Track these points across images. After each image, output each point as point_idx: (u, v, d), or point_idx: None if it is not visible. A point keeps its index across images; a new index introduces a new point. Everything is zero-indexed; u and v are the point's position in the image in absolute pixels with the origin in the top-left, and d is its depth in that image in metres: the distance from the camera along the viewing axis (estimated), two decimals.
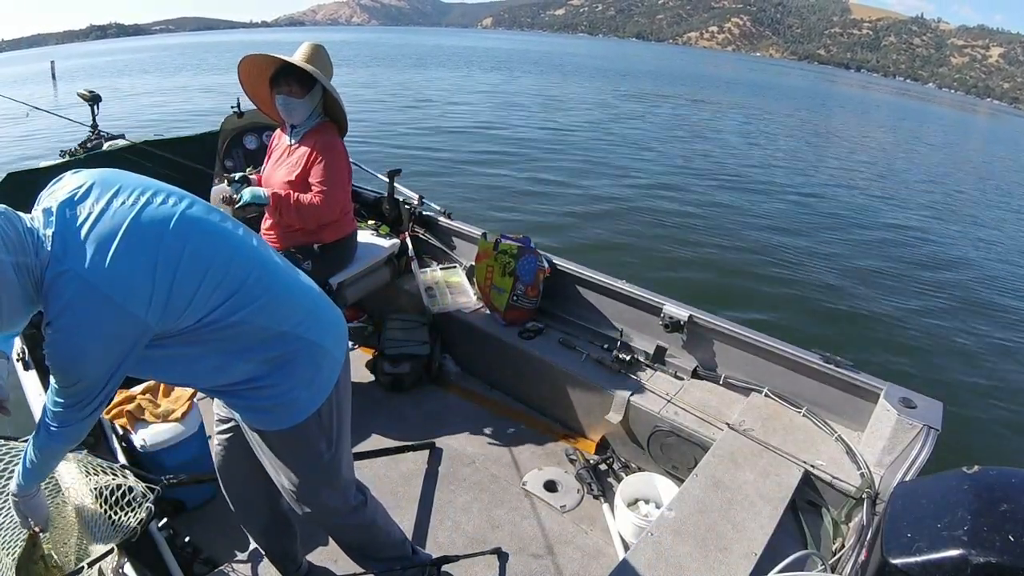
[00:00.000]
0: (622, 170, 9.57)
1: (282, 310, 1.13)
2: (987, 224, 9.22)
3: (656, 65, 53.97)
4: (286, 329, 1.13)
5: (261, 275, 1.11)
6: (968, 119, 44.73)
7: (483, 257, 2.65)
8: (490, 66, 33.69)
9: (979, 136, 28.29)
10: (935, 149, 18.00)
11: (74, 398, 1.00)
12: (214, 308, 1.03)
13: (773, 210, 8.16)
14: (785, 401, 2.11)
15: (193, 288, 1.00)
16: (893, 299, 5.58)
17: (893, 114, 33.94)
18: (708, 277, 5.62)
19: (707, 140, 13.79)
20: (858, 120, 25.54)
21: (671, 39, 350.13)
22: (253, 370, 1.13)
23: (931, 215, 9.16)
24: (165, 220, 0.99)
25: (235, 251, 1.08)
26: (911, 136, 21.47)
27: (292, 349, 1.14)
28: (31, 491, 1.17)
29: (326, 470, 1.32)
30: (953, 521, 0.95)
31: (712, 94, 27.93)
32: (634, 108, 18.41)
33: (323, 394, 1.21)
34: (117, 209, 0.96)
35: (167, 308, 0.97)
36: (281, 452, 1.26)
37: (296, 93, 2.10)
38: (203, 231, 1.04)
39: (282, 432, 1.20)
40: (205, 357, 1.08)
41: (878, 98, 52.80)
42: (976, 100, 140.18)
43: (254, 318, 1.08)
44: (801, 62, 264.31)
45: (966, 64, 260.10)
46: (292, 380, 1.16)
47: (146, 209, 0.98)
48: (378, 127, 11.63)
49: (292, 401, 1.17)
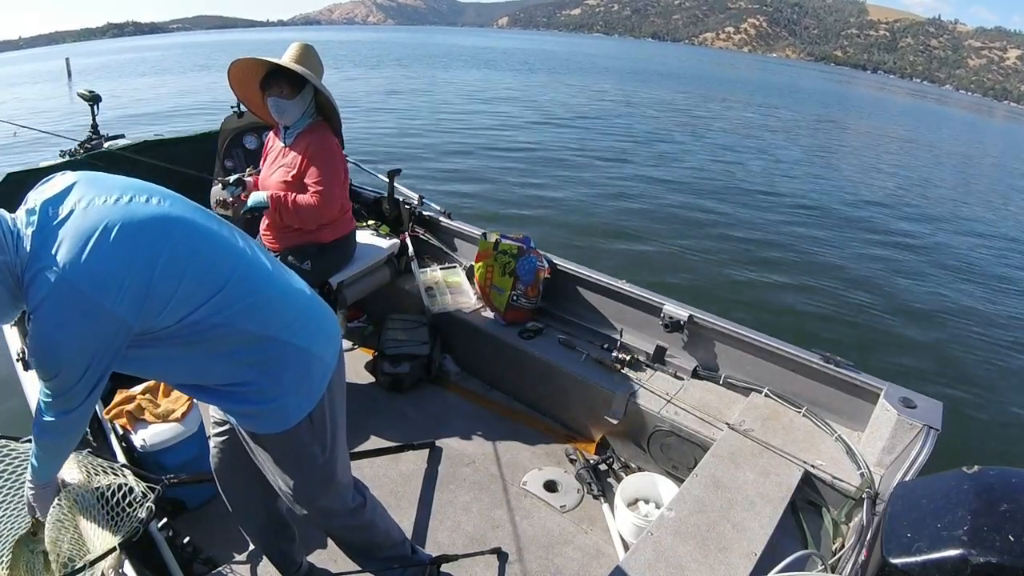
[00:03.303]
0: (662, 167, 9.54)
1: (269, 313, 1.12)
2: (988, 225, 9.22)
3: (677, 66, 53.87)
4: (272, 334, 1.11)
5: (246, 274, 1.10)
6: (984, 122, 44.68)
7: (483, 257, 2.65)
8: (512, 67, 33.55)
9: (994, 139, 28.24)
10: (946, 153, 17.93)
11: (55, 391, 1.02)
12: (196, 307, 1.02)
13: (774, 211, 8.16)
14: (785, 401, 2.11)
15: (173, 286, 0.99)
16: (893, 299, 5.58)
17: (908, 117, 33.86)
18: (707, 277, 5.62)
19: (742, 145, 13.63)
20: (872, 122, 25.50)
21: (687, 39, 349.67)
22: (240, 374, 1.12)
23: (932, 215, 9.16)
24: (146, 219, 0.99)
25: (217, 250, 1.08)
26: (924, 139, 21.42)
27: (279, 354, 1.13)
28: (42, 484, 1.20)
29: (322, 474, 1.31)
30: (953, 521, 0.95)
31: (739, 94, 27.88)
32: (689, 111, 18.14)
33: (313, 399, 1.20)
34: (98, 207, 0.96)
35: (145, 306, 0.97)
36: (276, 455, 1.26)
37: (287, 94, 2.10)
38: (185, 230, 1.04)
39: (275, 436, 1.20)
40: (190, 358, 1.08)
41: (895, 100, 52.73)
42: (993, 103, 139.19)
43: (239, 320, 1.07)
44: (818, 63, 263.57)
45: (983, 66, 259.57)
46: (280, 386, 1.15)
47: (128, 208, 0.98)
48: (407, 127, 11.50)
49: (282, 407, 1.17)
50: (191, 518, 1.89)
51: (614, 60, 53.60)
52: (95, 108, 3.34)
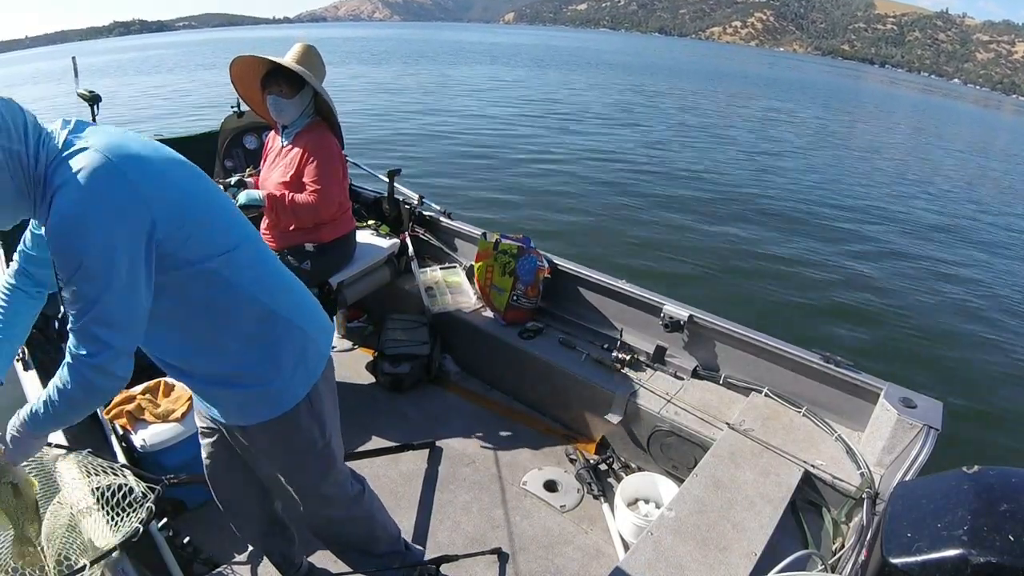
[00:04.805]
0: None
1: (274, 288, 1.15)
2: (991, 224, 9.21)
3: (686, 61, 53.75)
4: (276, 309, 1.14)
5: (255, 246, 1.15)
6: (992, 115, 44.65)
7: (483, 257, 2.65)
8: (523, 64, 33.42)
9: (1002, 135, 28.21)
10: (952, 150, 17.90)
11: (81, 301, 0.92)
12: (212, 254, 1.03)
13: (776, 210, 8.16)
14: (785, 401, 2.11)
15: (202, 213, 1.03)
16: (893, 299, 5.58)
17: (915, 111, 33.79)
18: (708, 277, 5.62)
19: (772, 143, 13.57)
20: (875, 116, 25.47)
21: (694, 34, 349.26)
22: (245, 355, 1.12)
23: (934, 217, 9.16)
24: (185, 161, 1.07)
25: (235, 214, 1.13)
26: (929, 134, 21.40)
27: (282, 332, 1.15)
28: (32, 433, 1.05)
29: (322, 459, 1.31)
30: (953, 521, 0.95)
31: (751, 89, 27.92)
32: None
33: (309, 381, 1.21)
34: (138, 137, 1.03)
35: (174, 214, 0.96)
36: (275, 446, 1.25)
37: (286, 93, 2.12)
38: (213, 184, 1.12)
39: (273, 423, 1.19)
40: (204, 329, 1.08)
41: (904, 95, 52.55)
42: (1001, 96, 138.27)
43: (249, 286, 1.09)
44: (825, 57, 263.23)
45: (991, 60, 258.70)
46: (279, 367, 1.16)
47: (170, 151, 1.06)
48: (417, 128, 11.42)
49: (281, 389, 1.17)
50: (191, 518, 1.89)
51: (622, 55, 53.52)
52: (95, 108, 3.34)
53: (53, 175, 0.91)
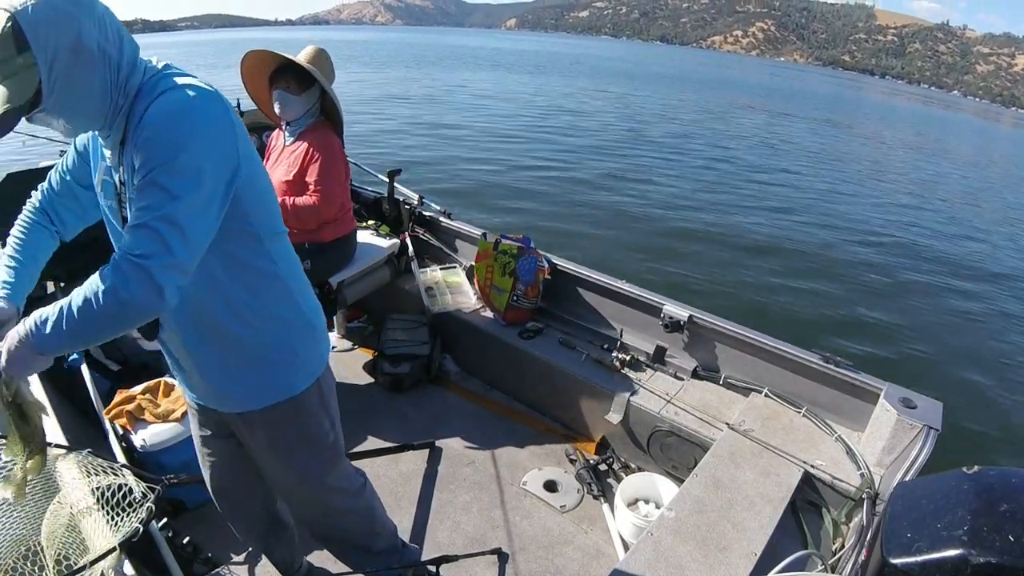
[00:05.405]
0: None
1: (300, 280, 1.20)
2: (991, 225, 9.21)
3: (688, 70, 53.83)
4: (298, 300, 1.17)
5: (289, 244, 1.19)
6: (991, 127, 44.71)
7: (483, 257, 2.65)
8: (526, 70, 33.45)
9: (1002, 146, 28.30)
10: (952, 160, 17.91)
11: (158, 196, 0.85)
12: (268, 228, 1.07)
13: (776, 209, 8.16)
14: (785, 401, 2.11)
15: (264, 185, 1.07)
16: (893, 299, 5.58)
17: (916, 121, 33.90)
18: (707, 275, 5.62)
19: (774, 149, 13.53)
20: (876, 126, 25.53)
21: (695, 43, 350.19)
22: (264, 328, 1.13)
23: (934, 217, 9.16)
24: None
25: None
26: (928, 142, 21.47)
27: (299, 323, 1.18)
28: (38, 349, 0.89)
29: (332, 449, 1.32)
30: (953, 521, 0.95)
31: (753, 100, 27.96)
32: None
33: (320, 367, 1.24)
34: None
35: (252, 174, 1.01)
36: (286, 433, 1.24)
37: (293, 89, 2.14)
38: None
39: (284, 405, 1.19)
40: (236, 283, 1.07)
41: (904, 106, 52.72)
42: (1001, 109, 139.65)
43: (285, 269, 1.14)
44: (826, 68, 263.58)
45: (991, 72, 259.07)
46: (294, 352, 1.18)
47: None
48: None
49: (294, 371, 1.19)
50: (191, 518, 1.88)
51: (624, 63, 53.65)
52: None
53: (157, 84, 0.92)
